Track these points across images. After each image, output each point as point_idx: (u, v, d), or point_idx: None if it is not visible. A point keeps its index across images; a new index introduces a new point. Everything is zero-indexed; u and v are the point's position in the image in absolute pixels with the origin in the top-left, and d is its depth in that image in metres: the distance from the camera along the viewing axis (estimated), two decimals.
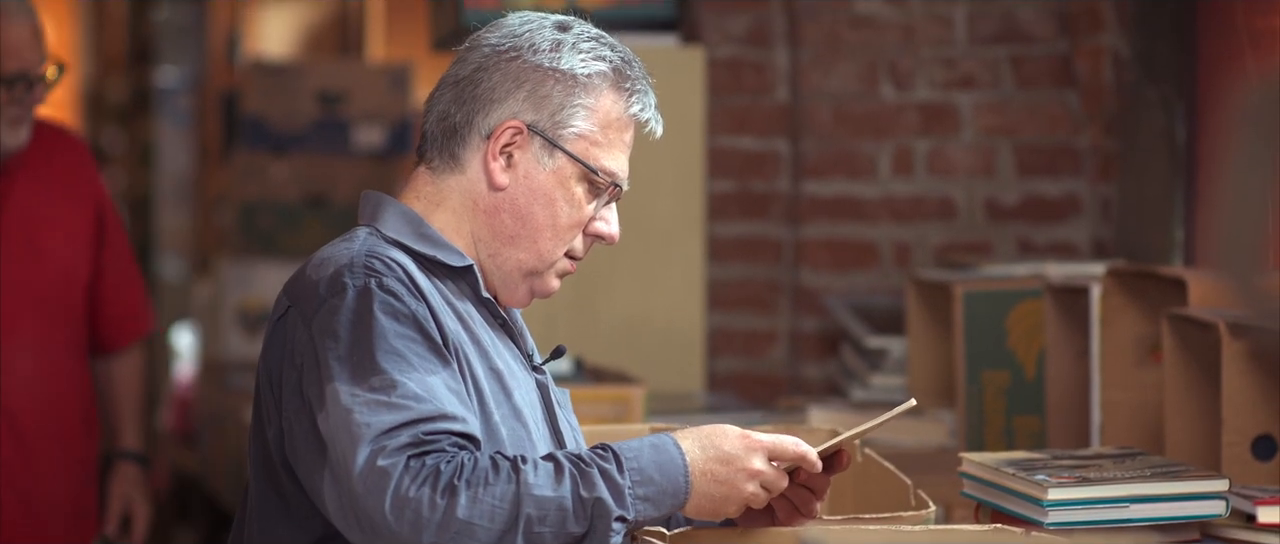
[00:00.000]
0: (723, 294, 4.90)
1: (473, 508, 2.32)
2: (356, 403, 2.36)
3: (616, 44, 2.63)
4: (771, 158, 4.89)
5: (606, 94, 2.58)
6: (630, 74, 2.60)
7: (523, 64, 2.57)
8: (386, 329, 2.41)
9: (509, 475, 2.34)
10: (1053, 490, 2.75)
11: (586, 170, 2.57)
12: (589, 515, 2.35)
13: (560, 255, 2.60)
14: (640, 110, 2.60)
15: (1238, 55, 3.88)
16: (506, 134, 2.56)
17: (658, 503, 2.40)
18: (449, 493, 2.31)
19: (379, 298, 2.44)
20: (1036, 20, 4.76)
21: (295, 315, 2.47)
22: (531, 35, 2.59)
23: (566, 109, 2.56)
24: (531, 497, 2.34)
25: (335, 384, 2.38)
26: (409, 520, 2.31)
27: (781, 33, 4.88)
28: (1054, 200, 4.77)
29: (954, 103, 4.81)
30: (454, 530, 2.31)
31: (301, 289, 2.49)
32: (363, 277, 2.45)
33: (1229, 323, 3.06)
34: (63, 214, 4.06)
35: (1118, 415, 3.53)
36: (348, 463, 2.33)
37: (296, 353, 2.44)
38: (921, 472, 3.06)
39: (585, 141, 2.57)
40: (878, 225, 4.83)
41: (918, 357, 4.30)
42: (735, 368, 4.92)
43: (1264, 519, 2.83)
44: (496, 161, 2.57)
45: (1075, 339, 3.78)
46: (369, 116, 7.32)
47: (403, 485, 2.31)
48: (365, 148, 7.30)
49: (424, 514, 2.31)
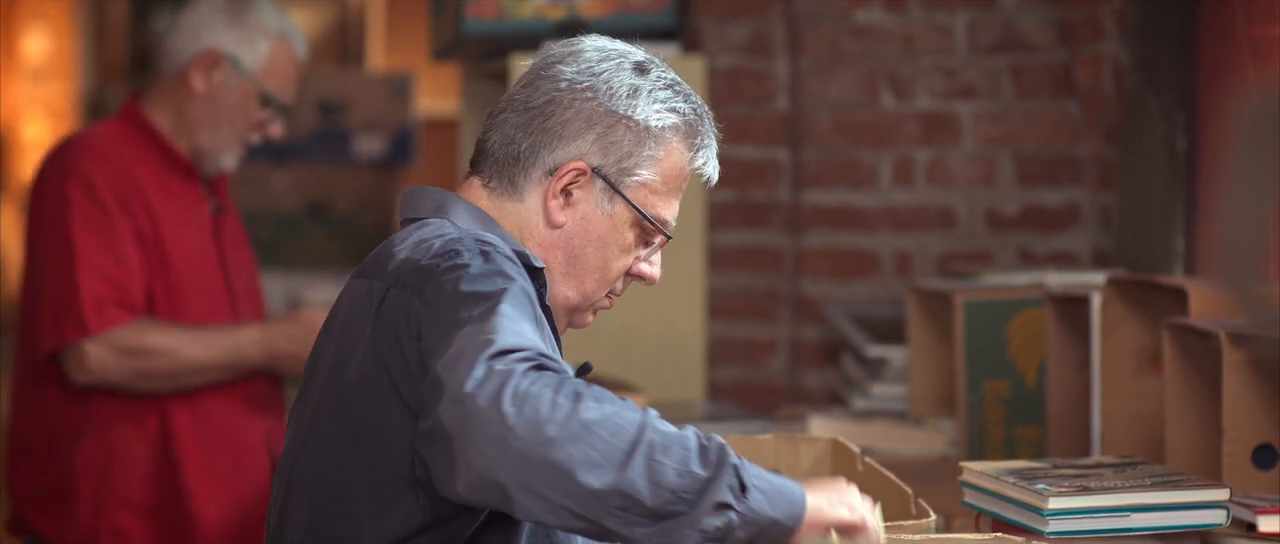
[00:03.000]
0: (723, 303, 4.91)
1: (599, 413, 2.21)
2: (478, 334, 2.25)
3: (691, 94, 2.61)
4: (772, 167, 4.90)
5: (675, 147, 2.57)
6: (701, 129, 2.59)
7: (597, 106, 2.55)
8: (515, 282, 2.35)
9: (634, 407, 2.25)
10: (1053, 500, 2.75)
11: (642, 218, 2.56)
12: (714, 462, 2.25)
13: (602, 294, 2.61)
14: (704, 164, 2.61)
15: (1238, 64, 3.88)
16: (570, 175, 2.55)
17: (773, 500, 2.27)
18: (574, 398, 2.20)
19: (501, 261, 2.39)
20: (1037, 30, 4.76)
21: (400, 294, 2.40)
22: (609, 75, 2.56)
23: (633, 158, 2.55)
24: (657, 428, 2.24)
25: (459, 330, 2.27)
26: (529, 414, 2.17)
27: (782, 42, 4.88)
28: (1054, 210, 4.78)
29: (954, 112, 4.81)
30: (574, 430, 2.19)
31: (403, 270, 2.42)
32: (476, 248, 2.41)
33: (1229, 332, 3.06)
34: (241, 226, 4.21)
35: (1118, 424, 3.54)
36: (462, 374, 2.20)
37: (412, 322, 2.36)
38: (922, 481, 3.06)
39: (646, 191, 2.57)
40: (878, 235, 4.83)
41: (918, 366, 4.30)
42: (736, 377, 4.93)
43: (1265, 528, 2.83)
44: (556, 199, 2.56)
45: (1076, 348, 3.78)
46: (370, 126, 7.32)
47: (522, 383, 2.18)
48: (366, 157, 7.30)
49: (544, 410, 2.17)
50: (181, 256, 3.93)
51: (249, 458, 3.99)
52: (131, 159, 3.94)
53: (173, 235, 3.93)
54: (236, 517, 3.96)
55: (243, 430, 3.98)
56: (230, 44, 3.98)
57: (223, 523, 3.94)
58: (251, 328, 3.93)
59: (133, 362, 3.83)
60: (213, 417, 3.94)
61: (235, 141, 4.02)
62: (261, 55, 3.99)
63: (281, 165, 7.34)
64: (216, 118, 3.99)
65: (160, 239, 3.91)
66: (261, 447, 4.01)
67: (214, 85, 3.98)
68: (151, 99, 4.03)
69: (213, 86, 3.98)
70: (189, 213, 3.99)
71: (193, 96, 3.98)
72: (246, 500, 3.98)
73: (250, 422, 3.99)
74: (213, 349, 3.89)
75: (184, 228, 3.96)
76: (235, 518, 3.96)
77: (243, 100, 3.99)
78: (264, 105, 4.00)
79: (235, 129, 4.00)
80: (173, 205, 3.96)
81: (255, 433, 4.00)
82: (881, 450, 4.00)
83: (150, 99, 4.03)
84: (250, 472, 3.99)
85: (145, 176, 3.94)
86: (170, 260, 3.91)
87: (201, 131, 3.99)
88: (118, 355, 3.83)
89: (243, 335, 3.92)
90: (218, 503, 3.94)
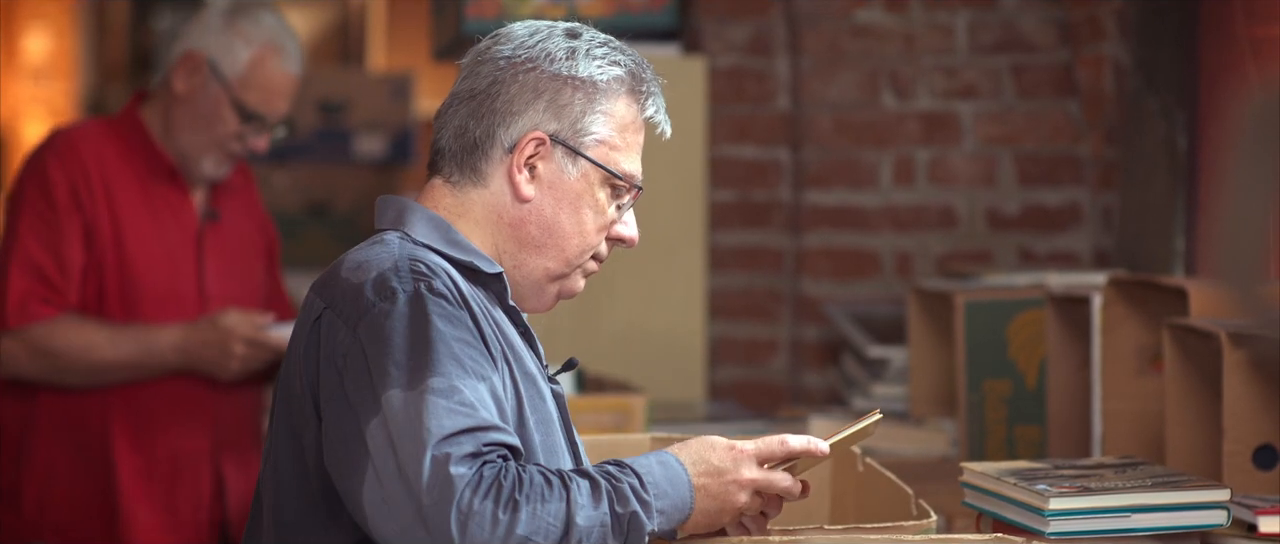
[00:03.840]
0: (724, 303, 4.91)
1: (532, 524, 2.33)
2: (416, 407, 2.34)
3: (626, 47, 2.64)
4: (773, 167, 4.90)
5: (622, 99, 2.60)
6: (644, 77, 2.62)
7: (540, 74, 2.58)
8: (443, 333, 2.41)
9: (560, 492, 2.36)
10: (1054, 500, 2.75)
11: (609, 175, 2.58)
12: (625, 530, 2.38)
13: (586, 259, 2.62)
14: (654, 113, 2.62)
15: (1239, 64, 3.88)
16: (530, 146, 2.56)
17: (671, 517, 2.42)
18: (511, 508, 2.32)
19: (431, 302, 2.43)
20: (1037, 30, 4.76)
21: (332, 317, 2.45)
22: (544, 44, 2.59)
23: (587, 116, 2.57)
24: (580, 513, 2.35)
25: (392, 390, 2.36)
26: (473, 533, 2.31)
27: (783, 42, 4.88)
28: (1055, 210, 4.77)
29: (955, 112, 4.81)
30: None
31: (338, 292, 2.47)
32: (411, 281, 2.45)
33: (1230, 332, 3.06)
34: (255, 237, 4.16)
35: (1119, 425, 3.53)
36: (413, 468, 2.32)
37: (337, 355, 2.42)
38: (923, 481, 3.06)
39: (605, 147, 2.58)
40: (879, 235, 4.83)
41: (919, 366, 4.30)
42: (736, 377, 4.93)
43: (1265, 529, 2.83)
44: (521, 174, 2.57)
45: (1076, 349, 3.78)
46: (370, 126, 7.32)
47: (466, 498, 2.31)
48: (366, 157, 7.30)
49: (487, 529, 2.31)
50: (145, 257, 3.90)
51: (189, 468, 3.96)
52: (110, 157, 3.92)
53: (139, 236, 3.90)
54: (168, 523, 3.94)
55: (184, 439, 3.95)
56: (212, 48, 3.93)
57: (156, 529, 3.92)
58: (171, 329, 3.89)
59: (44, 359, 3.85)
60: (155, 425, 3.92)
61: (214, 148, 3.95)
62: (241, 63, 3.92)
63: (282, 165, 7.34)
64: (194, 122, 3.94)
65: (122, 239, 3.88)
66: (204, 455, 3.98)
67: (193, 88, 3.93)
68: (151, 99, 4.02)
69: (192, 89, 3.93)
70: (168, 215, 3.95)
71: (175, 98, 3.94)
72: (180, 509, 3.95)
73: (193, 432, 3.96)
74: (125, 350, 3.86)
75: (157, 229, 3.93)
76: (167, 524, 3.94)
77: (218, 107, 3.92)
78: (241, 116, 3.92)
79: (212, 136, 3.94)
80: (148, 207, 3.93)
81: (199, 442, 3.97)
82: (882, 451, 4.00)
83: (150, 99, 4.02)
84: (188, 482, 3.96)
85: (120, 176, 3.91)
86: (131, 260, 3.89)
87: (181, 135, 3.95)
88: (29, 352, 3.84)
89: (160, 336, 3.89)
90: (152, 509, 3.92)
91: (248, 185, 4.16)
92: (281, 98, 3.97)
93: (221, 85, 3.91)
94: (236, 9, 3.98)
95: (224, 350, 3.89)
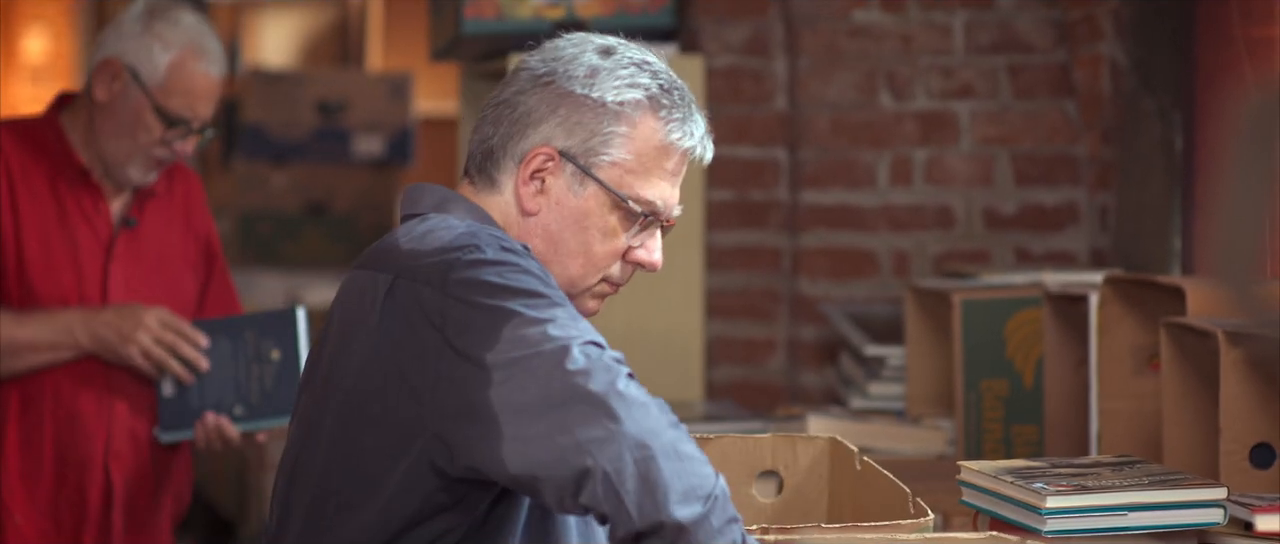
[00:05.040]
0: (722, 303, 4.91)
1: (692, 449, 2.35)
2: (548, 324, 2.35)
3: (660, 69, 2.59)
4: (770, 167, 4.90)
5: (644, 122, 2.56)
6: (668, 101, 2.57)
7: (557, 90, 2.56)
8: (546, 278, 2.43)
9: None
10: (1051, 499, 2.75)
11: (618, 199, 2.56)
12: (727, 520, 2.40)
13: (594, 281, 2.61)
14: (681, 138, 2.58)
15: (1235, 64, 3.89)
16: (538, 159, 2.56)
17: None
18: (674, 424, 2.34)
19: (521, 257, 2.44)
20: (1034, 30, 4.77)
21: (408, 285, 2.43)
22: (570, 59, 2.57)
23: (598, 136, 2.55)
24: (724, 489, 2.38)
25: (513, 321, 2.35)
26: (638, 415, 2.31)
27: (780, 42, 4.89)
28: (1052, 209, 4.78)
29: (952, 112, 4.82)
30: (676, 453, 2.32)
31: (407, 260, 2.45)
32: (492, 241, 2.45)
33: (1227, 331, 3.06)
34: (186, 246, 4.06)
35: (1116, 424, 3.54)
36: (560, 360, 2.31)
37: (426, 309, 2.40)
38: (920, 480, 3.06)
39: (620, 170, 2.56)
40: (876, 234, 4.84)
41: (916, 365, 4.30)
42: (734, 376, 4.93)
43: (1262, 527, 2.83)
44: (528, 187, 2.57)
45: (1073, 348, 3.78)
46: (368, 126, 7.33)
47: (624, 383, 2.33)
48: (365, 157, 7.31)
49: (653, 417, 2.32)
50: (46, 261, 3.85)
51: (74, 472, 3.89)
52: (21, 158, 3.86)
53: (42, 239, 3.85)
54: (49, 529, 3.89)
55: (75, 445, 3.89)
56: (131, 54, 3.85)
57: (34, 536, 3.87)
58: (75, 310, 3.83)
59: None
60: (45, 427, 3.86)
61: (139, 155, 3.88)
62: (160, 69, 3.85)
63: (280, 165, 7.35)
64: (117, 130, 3.87)
65: (21, 241, 3.84)
66: (95, 463, 3.90)
67: (113, 96, 3.86)
68: (74, 104, 3.96)
69: (112, 97, 3.86)
70: (78, 220, 3.90)
71: (97, 106, 3.88)
72: (63, 518, 3.88)
73: (86, 437, 3.89)
74: (31, 327, 3.79)
75: (64, 234, 3.88)
76: (47, 531, 3.89)
77: (140, 114, 3.85)
78: (164, 122, 3.85)
79: (135, 143, 3.87)
80: (57, 210, 3.88)
81: (90, 449, 3.90)
82: (879, 450, 4.00)
83: (73, 103, 3.96)
84: (73, 488, 3.89)
85: (29, 177, 3.86)
86: (30, 262, 3.84)
87: (105, 141, 3.88)
88: None
89: (66, 315, 3.82)
90: (34, 515, 3.87)
91: (182, 192, 4.07)
92: (204, 101, 3.89)
93: (142, 92, 3.85)
94: (153, 12, 3.90)
95: (133, 323, 3.82)
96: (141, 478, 3.96)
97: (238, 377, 3.87)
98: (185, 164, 4.06)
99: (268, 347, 3.87)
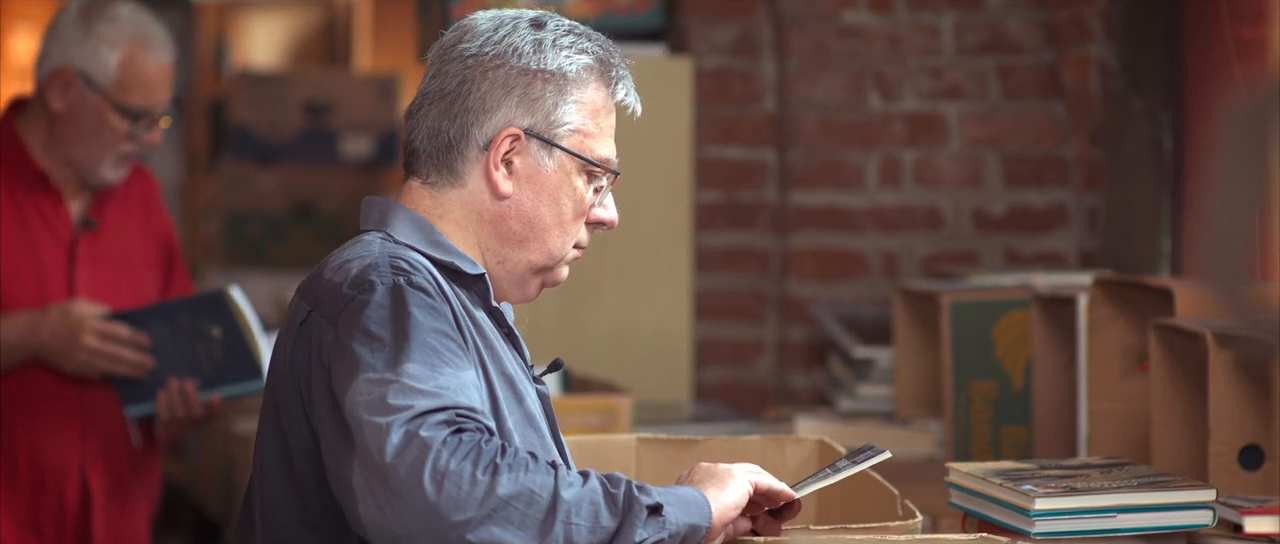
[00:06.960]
0: (710, 304, 4.91)
1: (514, 487, 2.29)
2: (390, 387, 2.33)
3: (591, 33, 2.64)
4: (759, 168, 4.90)
5: (593, 85, 2.60)
6: (613, 62, 2.62)
7: (509, 70, 2.58)
8: (421, 323, 2.40)
9: (546, 470, 2.33)
10: (1040, 500, 2.75)
11: (586, 163, 2.58)
12: (622, 507, 2.34)
13: (569, 248, 2.62)
14: (625, 95, 2.63)
15: (1224, 65, 3.89)
16: (505, 143, 2.57)
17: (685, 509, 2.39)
18: (491, 471, 2.28)
19: (410, 293, 2.43)
20: (1023, 30, 4.77)
21: (318, 318, 2.45)
22: (510, 38, 2.59)
23: (560, 108, 2.58)
24: (566, 490, 2.32)
25: (366, 375, 2.35)
26: (449, 494, 2.26)
27: (769, 43, 4.89)
28: (1041, 210, 4.78)
29: (941, 113, 4.81)
30: (492, 508, 2.27)
31: (322, 292, 2.48)
32: (391, 275, 2.45)
33: (1216, 333, 3.06)
34: (146, 246, 4.04)
35: (1105, 425, 3.54)
36: (381, 440, 2.29)
37: (324, 353, 2.42)
38: (909, 481, 3.05)
39: (580, 135, 2.59)
40: (865, 235, 4.83)
41: (905, 367, 4.30)
42: (722, 378, 4.93)
43: (1251, 529, 2.83)
44: (499, 171, 2.58)
45: (1062, 349, 3.78)
46: (356, 127, 7.32)
47: (442, 458, 2.27)
48: (353, 158, 7.30)
49: (464, 488, 2.27)
50: (9, 266, 3.82)
51: (53, 478, 3.86)
52: None
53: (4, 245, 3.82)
54: (28, 537, 3.87)
55: (50, 450, 3.86)
56: (80, 60, 3.83)
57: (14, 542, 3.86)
58: (17, 316, 3.80)
59: None
60: (18, 432, 3.84)
61: (109, 155, 3.86)
62: (111, 68, 3.82)
63: (268, 166, 7.34)
64: (81, 136, 3.85)
65: None
66: (71, 467, 3.88)
67: (70, 103, 3.84)
68: (28, 110, 3.93)
69: (70, 105, 3.84)
70: (39, 224, 3.87)
71: (55, 117, 3.85)
72: (42, 524, 3.86)
73: (60, 441, 3.87)
74: None
75: (25, 238, 3.85)
76: (27, 538, 3.87)
77: (101, 116, 3.83)
78: (127, 118, 3.83)
79: (103, 144, 3.85)
80: (17, 215, 3.85)
81: (66, 453, 3.87)
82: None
83: (26, 109, 3.93)
84: (52, 494, 3.87)
85: None
86: None
87: (71, 149, 3.86)
88: None
89: (5, 323, 3.80)
90: (12, 523, 3.86)
91: (140, 192, 4.05)
92: (161, 88, 3.88)
93: (98, 94, 3.83)
94: (90, 13, 3.87)
95: (72, 340, 3.79)
96: (118, 481, 3.95)
97: (185, 355, 3.84)
98: (143, 164, 4.06)
99: (205, 325, 3.85)
